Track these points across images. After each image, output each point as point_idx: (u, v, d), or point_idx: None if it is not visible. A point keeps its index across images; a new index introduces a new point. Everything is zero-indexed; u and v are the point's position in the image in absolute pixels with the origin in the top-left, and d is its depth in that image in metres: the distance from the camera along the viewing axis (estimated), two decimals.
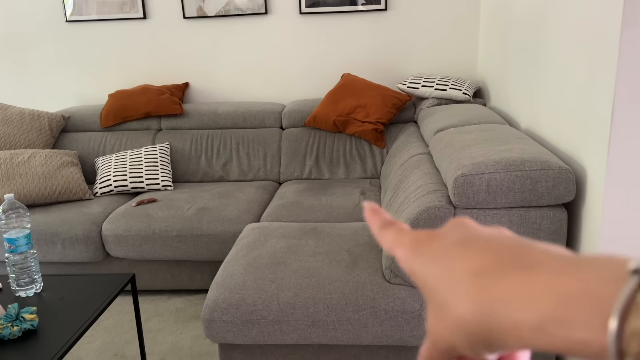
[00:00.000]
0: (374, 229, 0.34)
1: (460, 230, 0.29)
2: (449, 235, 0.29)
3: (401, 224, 0.34)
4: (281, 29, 3.22)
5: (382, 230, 0.34)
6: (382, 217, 0.35)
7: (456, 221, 0.30)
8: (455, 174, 1.63)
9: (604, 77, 1.49)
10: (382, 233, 0.33)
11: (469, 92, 2.81)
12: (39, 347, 1.41)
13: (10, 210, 1.64)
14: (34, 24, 3.37)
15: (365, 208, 0.37)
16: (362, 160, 2.91)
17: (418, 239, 0.30)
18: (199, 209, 2.51)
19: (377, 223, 0.35)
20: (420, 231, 0.31)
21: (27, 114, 3.03)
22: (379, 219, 0.35)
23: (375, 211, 0.36)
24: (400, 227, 0.33)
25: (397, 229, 0.33)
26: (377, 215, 0.35)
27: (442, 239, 0.29)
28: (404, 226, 0.33)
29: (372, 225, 0.35)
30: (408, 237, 0.31)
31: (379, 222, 0.35)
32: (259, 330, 1.66)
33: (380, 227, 0.34)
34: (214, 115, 3.08)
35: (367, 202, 0.38)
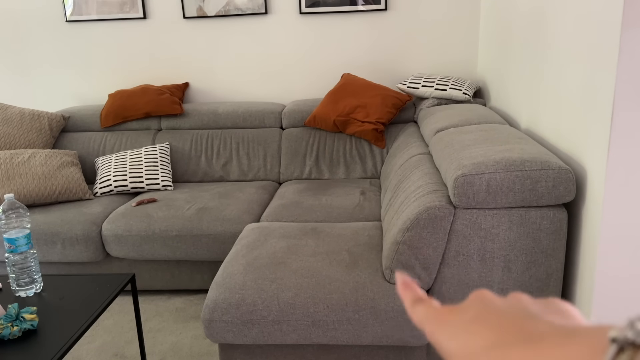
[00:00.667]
0: (407, 303, 0.37)
1: (477, 305, 0.32)
2: (467, 311, 0.32)
3: (431, 300, 0.36)
4: (281, 29, 3.22)
5: (414, 306, 0.36)
6: (414, 292, 0.37)
7: (475, 295, 0.34)
8: (455, 174, 1.63)
9: (604, 77, 1.49)
10: (414, 309, 0.36)
11: (469, 92, 2.81)
12: (39, 347, 1.41)
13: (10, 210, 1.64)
14: (34, 24, 3.37)
15: (398, 281, 0.39)
16: (362, 160, 2.91)
17: (442, 313, 0.33)
18: (199, 209, 2.51)
19: (409, 298, 0.37)
20: (444, 306, 0.34)
21: (27, 114, 3.03)
22: (411, 294, 0.37)
23: (407, 285, 0.38)
24: (430, 303, 0.36)
25: (427, 306, 0.35)
26: (409, 290, 0.38)
27: (461, 314, 0.32)
28: (434, 302, 0.36)
29: (405, 300, 0.37)
30: (434, 312, 0.34)
31: (411, 297, 0.37)
32: (259, 331, 1.66)
33: (412, 303, 0.36)
34: (214, 115, 3.08)
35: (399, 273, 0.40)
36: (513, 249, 1.64)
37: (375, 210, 2.39)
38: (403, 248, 1.64)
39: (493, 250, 1.64)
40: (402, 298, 0.38)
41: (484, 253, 1.64)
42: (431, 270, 1.66)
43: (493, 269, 1.66)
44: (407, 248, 1.64)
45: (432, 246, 1.63)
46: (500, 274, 1.66)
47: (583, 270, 1.65)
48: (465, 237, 1.64)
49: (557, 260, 1.65)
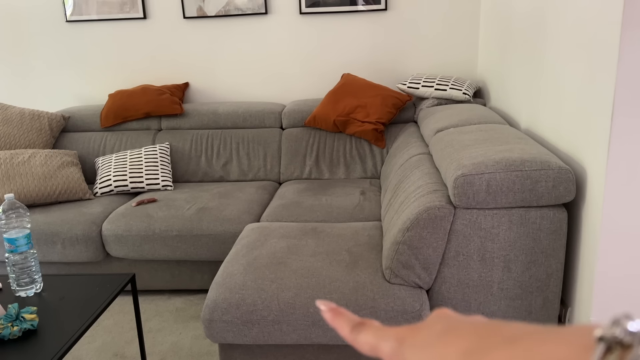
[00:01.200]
0: (344, 332, 0.34)
1: (443, 320, 0.31)
2: (433, 325, 0.31)
3: (371, 321, 0.33)
4: (281, 29, 3.22)
5: (355, 334, 0.33)
6: (348, 318, 0.34)
7: (437, 313, 0.32)
8: (455, 174, 1.63)
9: (604, 77, 1.49)
10: (357, 336, 0.33)
11: (469, 92, 2.81)
12: (39, 347, 1.41)
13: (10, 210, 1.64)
14: (34, 24, 3.37)
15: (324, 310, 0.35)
16: (362, 160, 2.91)
17: (403, 332, 0.31)
18: (199, 209, 2.51)
19: (346, 326, 0.34)
20: (400, 327, 0.32)
21: (27, 114, 3.03)
22: (346, 321, 0.34)
23: (338, 313, 0.35)
24: (373, 325, 0.33)
25: (373, 328, 0.33)
26: (342, 316, 0.35)
27: (428, 329, 0.30)
28: (375, 323, 0.33)
29: (341, 329, 0.34)
30: (391, 332, 0.32)
31: (348, 324, 0.34)
32: (259, 330, 1.66)
33: (352, 331, 0.33)
34: (214, 115, 3.08)
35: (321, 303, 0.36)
36: (513, 249, 1.64)
37: (375, 210, 2.39)
38: (403, 248, 1.64)
39: (493, 250, 1.64)
40: (337, 328, 0.34)
41: (484, 253, 1.64)
42: (431, 270, 1.66)
43: (493, 269, 1.66)
44: (407, 248, 1.64)
45: (432, 246, 1.63)
46: (500, 274, 1.66)
47: (583, 270, 1.65)
48: (465, 237, 1.64)
49: (557, 260, 1.65)
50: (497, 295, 1.68)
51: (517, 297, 1.68)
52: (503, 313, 1.70)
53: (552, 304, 1.70)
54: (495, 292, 1.68)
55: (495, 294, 1.68)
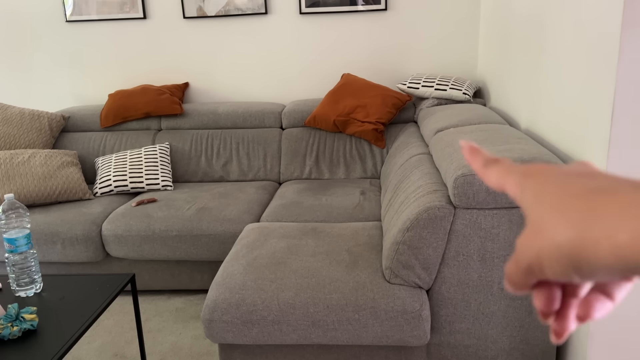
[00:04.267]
0: (476, 168, 0.35)
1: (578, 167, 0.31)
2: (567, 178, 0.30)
3: (504, 159, 0.34)
4: (281, 29, 3.22)
5: (486, 168, 0.34)
6: (483, 155, 0.35)
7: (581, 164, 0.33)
8: (455, 174, 1.63)
9: (604, 77, 1.49)
10: (488, 170, 0.34)
11: (469, 92, 2.81)
12: (39, 347, 1.41)
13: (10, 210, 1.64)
14: (34, 24, 3.37)
15: (464, 147, 0.37)
16: (362, 160, 2.91)
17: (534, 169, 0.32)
18: (199, 209, 2.51)
19: (479, 161, 0.35)
20: (534, 164, 0.32)
21: (27, 114, 3.03)
22: (480, 158, 0.35)
23: (475, 150, 0.36)
24: (505, 162, 0.34)
25: (503, 165, 0.34)
26: (477, 154, 0.36)
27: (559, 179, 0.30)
28: (508, 161, 0.34)
29: (474, 165, 0.35)
30: (521, 168, 0.32)
31: (482, 160, 0.35)
32: (259, 331, 1.66)
33: (483, 165, 0.35)
34: (214, 115, 3.08)
35: (463, 141, 0.38)
36: (513, 249, 1.64)
37: (375, 210, 2.39)
38: (403, 248, 1.64)
39: (493, 250, 1.64)
40: (471, 163, 0.36)
41: (484, 253, 1.64)
42: (431, 270, 1.66)
43: (493, 269, 1.66)
44: (407, 248, 1.64)
45: (432, 246, 1.63)
46: (500, 274, 1.66)
47: None
48: (465, 237, 1.64)
49: None
50: (497, 295, 1.68)
51: (517, 297, 1.68)
52: (503, 313, 1.70)
53: None
54: (495, 292, 1.68)
55: (495, 294, 1.68)
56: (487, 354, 1.74)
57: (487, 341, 1.73)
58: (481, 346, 1.74)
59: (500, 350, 1.73)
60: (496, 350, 1.73)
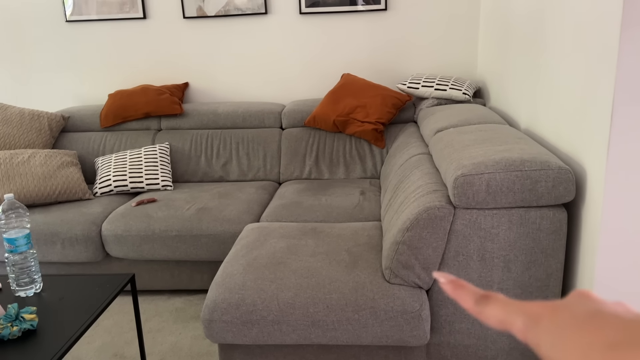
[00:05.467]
0: (467, 305, 0.34)
1: (586, 303, 0.29)
2: (575, 307, 0.29)
3: (496, 294, 0.33)
4: (281, 29, 3.22)
5: (481, 307, 0.33)
6: (471, 290, 0.34)
7: (578, 293, 0.31)
8: (455, 174, 1.63)
9: (604, 77, 1.48)
10: (483, 309, 0.33)
11: (468, 92, 2.81)
12: (39, 347, 1.41)
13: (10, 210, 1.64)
14: (34, 24, 3.37)
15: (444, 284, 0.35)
16: (362, 160, 2.91)
17: (539, 310, 0.30)
18: (199, 209, 2.51)
19: (470, 299, 0.34)
20: (536, 303, 0.31)
21: (27, 114, 3.03)
22: (469, 294, 0.34)
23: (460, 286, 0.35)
24: (498, 298, 0.33)
25: (500, 302, 0.32)
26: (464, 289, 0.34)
27: (569, 311, 0.29)
28: (500, 297, 0.33)
29: (464, 304, 0.34)
30: (523, 308, 0.31)
31: (472, 297, 0.34)
32: (259, 331, 1.66)
33: (477, 303, 0.33)
34: (213, 115, 3.08)
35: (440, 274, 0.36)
36: (513, 249, 1.64)
37: (375, 210, 2.39)
38: (403, 248, 1.64)
39: (493, 250, 1.64)
40: (460, 300, 0.34)
41: (484, 253, 1.64)
42: (431, 270, 1.66)
43: (493, 269, 1.66)
44: (407, 248, 1.64)
45: (432, 246, 1.63)
46: (500, 274, 1.66)
47: (583, 271, 1.65)
48: (465, 237, 1.64)
49: (557, 260, 1.65)
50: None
51: (517, 297, 1.68)
52: None
53: None
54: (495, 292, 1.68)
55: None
56: (487, 354, 1.74)
57: (487, 341, 1.73)
58: (481, 346, 1.74)
59: (500, 350, 1.73)
60: (496, 350, 1.73)
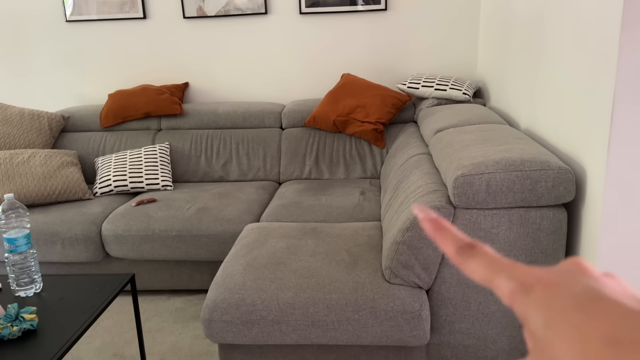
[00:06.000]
0: (449, 252, 0.29)
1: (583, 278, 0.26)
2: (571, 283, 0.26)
3: (483, 246, 0.28)
4: (281, 29, 3.22)
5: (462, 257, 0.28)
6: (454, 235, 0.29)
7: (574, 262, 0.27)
8: (455, 174, 1.63)
9: (604, 77, 1.48)
10: (466, 262, 0.28)
11: (469, 92, 2.81)
12: (39, 347, 1.41)
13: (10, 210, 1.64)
14: (34, 24, 3.37)
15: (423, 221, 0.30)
16: (362, 160, 2.91)
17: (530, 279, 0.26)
18: (199, 209, 2.51)
19: (452, 245, 0.29)
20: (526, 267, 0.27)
21: (27, 114, 3.03)
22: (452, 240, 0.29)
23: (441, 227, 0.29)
24: (485, 251, 0.28)
25: (486, 258, 0.28)
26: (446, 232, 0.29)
27: (565, 286, 0.26)
28: (488, 251, 0.28)
29: (445, 249, 0.29)
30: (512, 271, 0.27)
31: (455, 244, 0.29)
32: (259, 331, 1.66)
33: (458, 252, 0.28)
34: (213, 115, 3.08)
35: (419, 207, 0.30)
36: (513, 249, 1.64)
37: (375, 210, 2.39)
38: (403, 248, 1.64)
39: None
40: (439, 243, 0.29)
41: None
42: (431, 270, 1.66)
43: None
44: (406, 248, 1.64)
45: (432, 246, 1.63)
46: None
47: None
48: None
49: (557, 260, 1.65)
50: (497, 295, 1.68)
51: None
52: (503, 313, 1.70)
53: None
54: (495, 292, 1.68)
55: (495, 294, 1.68)
56: (487, 354, 1.74)
57: (487, 341, 1.73)
58: (481, 346, 1.74)
59: (500, 350, 1.73)
60: (496, 350, 1.73)
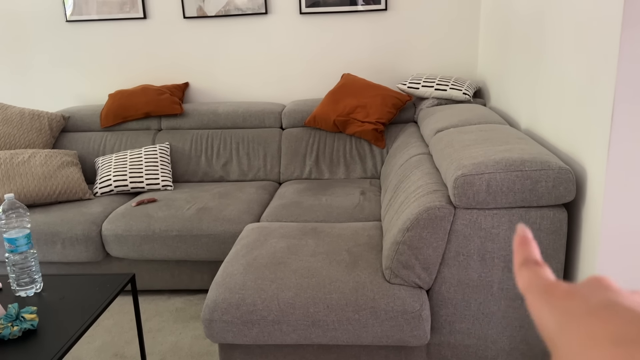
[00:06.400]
0: (515, 262, 0.33)
1: (603, 292, 0.28)
2: (590, 295, 0.28)
3: (543, 266, 0.32)
4: (281, 29, 3.22)
5: (520, 267, 0.32)
6: (527, 252, 0.33)
7: (597, 280, 0.30)
8: (455, 174, 1.63)
9: (604, 77, 1.49)
10: (520, 271, 0.32)
11: (469, 92, 2.81)
12: (39, 347, 1.41)
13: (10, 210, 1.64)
14: (34, 24, 3.37)
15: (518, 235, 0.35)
16: (362, 160, 2.91)
17: (554, 288, 0.29)
18: (199, 209, 2.51)
19: (520, 257, 0.33)
20: (558, 282, 0.30)
21: (27, 114, 3.03)
22: (523, 253, 0.33)
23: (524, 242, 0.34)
24: (539, 269, 0.32)
25: (535, 271, 0.31)
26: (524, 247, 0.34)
27: (582, 298, 0.28)
28: (545, 270, 0.32)
29: (517, 256, 0.33)
30: (543, 282, 0.30)
31: (522, 257, 0.33)
32: (259, 331, 1.66)
33: (520, 263, 0.33)
34: (214, 115, 3.08)
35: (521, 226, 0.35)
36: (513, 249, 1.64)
37: (375, 210, 2.39)
38: (403, 248, 1.64)
39: (493, 250, 1.64)
40: (515, 254, 0.34)
41: (484, 253, 1.64)
42: (431, 270, 1.66)
43: (493, 269, 1.66)
44: (407, 248, 1.64)
45: (432, 246, 1.63)
46: (500, 274, 1.66)
47: (583, 271, 1.65)
48: (465, 237, 1.64)
49: (557, 260, 1.65)
50: (497, 295, 1.68)
51: (517, 297, 1.68)
52: (503, 313, 1.70)
53: None
54: (495, 292, 1.68)
55: (495, 294, 1.68)
56: (487, 354, 1.74)
57: (487, 341, 1.73)
58: (481, 346, 1.74)
59: (500, 350, 1.73)
60: (496, 350, 1.73)
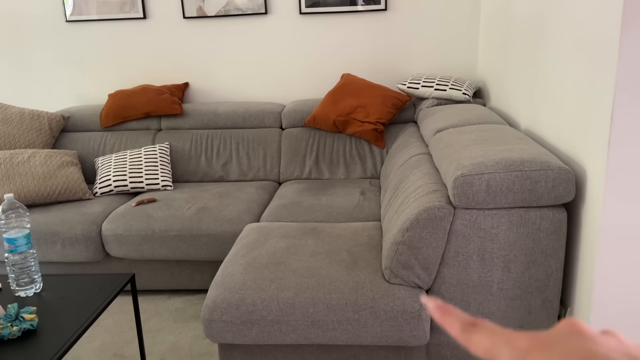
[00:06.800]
0: (454, 332, 0.32)
1: (577, 340, 0.28)
2: (566, 344, 0.28)
3: (485, 322, 0.32)
4: (281, 29, 3.22)
5: (467, 334, 0.31)
6: (458, 317, 0.33)
7: (569, 325, 0.29)
8: (455, 174, 1.63)
9: (604, 77, 1.49)
10: (470, 337, 0.31)
11: (468, 92, 2.81)
12: (39, 347, 1.41)
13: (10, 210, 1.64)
14: (34, 24, 3.37)
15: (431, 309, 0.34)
16: (362, 160, 2.91)
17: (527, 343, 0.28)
18: (199, 208, 2.51)
19: (457, 326, 0.32)
20: (524, 333, 0.29)
21: (27, 114, 3.03)
22: (457, 321, 0.32)
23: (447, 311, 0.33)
24: (486, 326, 0.31)
25: (487, 331, 0.31)
26: (451, 315, 0.33)
27: (559, 347, 0.27)
28: (489, 325, 0.31)
29: (451, 330, 0.33)
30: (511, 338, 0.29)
31: (459, 324, 0.32)
32: (259, 330, 1.66)
33: (463, 331, 0.32)
34: (213, 115, 3.08)
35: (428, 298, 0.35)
36: (513, 249, 1.64)
37: (375, 210, 2.39)
38: (403, 248, 1.64)
39: (493, 250, 1.64)
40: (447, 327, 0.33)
41: (484, 253, 1.64)
42: (431, 270, 1.66)
43: (493, 269, 1.66)
44: (406, 248, 1.64)
45: (432, 246, 1.63)
46: (500, 274, 1.66)
47: (583, 271, 1.65)
48: (464, 237, 1.64)
49: (557, 260, 1.65)
50: (497, 295, 1.68)
51: (516, 298, 1.68)
52: (503, 313, 1.70)
53: (552, 304, 1.70)
54: (495, 292, 1.68)
55: (495, 294, 1.68)
56: None
57: None
58: None
59: None
60: None
